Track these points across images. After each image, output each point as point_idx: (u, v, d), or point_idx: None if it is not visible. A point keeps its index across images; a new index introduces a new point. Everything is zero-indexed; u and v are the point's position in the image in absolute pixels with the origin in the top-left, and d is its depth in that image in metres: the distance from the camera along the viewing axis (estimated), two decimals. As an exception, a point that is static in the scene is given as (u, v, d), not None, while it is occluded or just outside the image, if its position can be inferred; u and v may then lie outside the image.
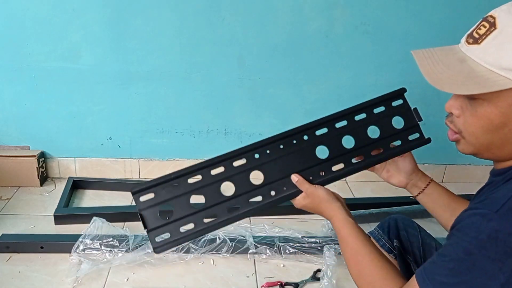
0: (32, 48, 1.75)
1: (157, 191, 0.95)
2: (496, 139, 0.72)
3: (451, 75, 0.70)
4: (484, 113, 0.70)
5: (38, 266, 1.45)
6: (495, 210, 0.65)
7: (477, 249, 0.65)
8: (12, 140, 1.91)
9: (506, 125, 0.69)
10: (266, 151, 0.99)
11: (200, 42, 1.80)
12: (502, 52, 0.67)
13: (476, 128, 0.72)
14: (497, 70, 0.67)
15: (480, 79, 0.68)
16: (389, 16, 1.80)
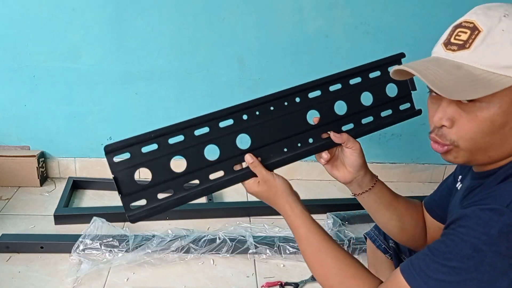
0: (32, 48, 1.75)
1: (134, 151, 0.85)
2: (496, 140, 0.71)
3: (455, 82, 0.69)
4: (486, 115, 0.69)
5: (38, 266, 1.45)
6: (506, 205, 0.63)
7: (486, 245, 0.63)
8: (12, 140, 1.91)
9: (508, 123, 0.69)
10: (255, 113, 0.91)
11: (200, 42, 1.80)
12: (497, 52, 0.67)
13: (476, 133, 0.71)
14: (496, 70, 0.67)
15: (483, 82, 0.67)
16: (389, 16, 1.80)
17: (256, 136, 0.90)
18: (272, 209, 0.90)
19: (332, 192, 2.02)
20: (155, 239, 1.50)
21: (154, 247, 1.48)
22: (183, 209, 1.75)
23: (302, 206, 0.87)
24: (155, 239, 1.50)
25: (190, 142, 0.87)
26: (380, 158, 2.10)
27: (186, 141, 0.86)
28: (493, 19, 0.68)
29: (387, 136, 2.04)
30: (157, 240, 1.50)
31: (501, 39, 0.67)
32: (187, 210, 1.74)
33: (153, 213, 0.83)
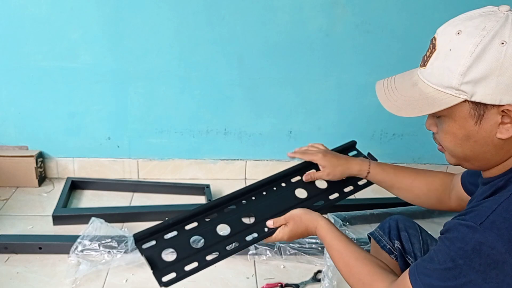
0: (30, 47, 1.74)
1: (158, 237, 1.04)
2: (467, 151, 0.75)
3: (405, 100, 0.76)
4: (448, 128, 0.75)
5: (36, 267, 1.44)
6: (479, 223, 0.67)
7: (462, 260, 0.68)
8: (10, 140, 1.90)
9: (470, 137, 0.73)
10: (251, 197, 1.17)
11: (199, 41, 1.79)
12: (442, 72, 0.71)
13: (448, 143, 0.77)
14: (442, 89, 0.72)
15: (430, 100, 0.73)
16: (390, 15, 1.79)
17: (257, 213, 1.12)
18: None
19: (333, 192, 2.01)
20: None
21: None
22: (182, 210, 1.74)
23: (325, 219, 0.99)
24: None
25: (203, 225, 1.07)
26: (381, 158, 2.07)
27: (200, 225, 1.07)
28: (446, 37, 0.72)
29: (388, 136, 2.03)
30: None
31: (446, 58, 0.71)
32: (187, 211, 1.73)
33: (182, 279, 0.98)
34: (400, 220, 1.18)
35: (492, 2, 0.75)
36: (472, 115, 0.71)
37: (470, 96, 0.69)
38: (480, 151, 0.74)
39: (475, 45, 0.68)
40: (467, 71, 0.68)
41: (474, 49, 0.68)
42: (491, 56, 0.67)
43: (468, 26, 0.70)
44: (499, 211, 0.68)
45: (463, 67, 0.69)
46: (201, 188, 1.91)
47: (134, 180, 2.00)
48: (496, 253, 0.65)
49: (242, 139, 1.99)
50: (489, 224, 0.67)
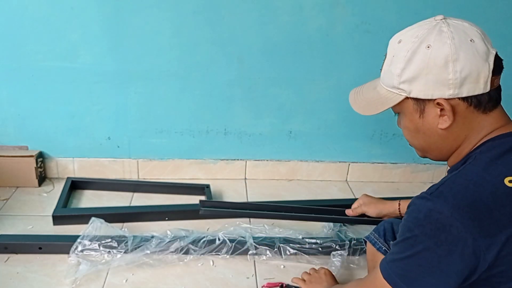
0: (30, 47, 1.74)
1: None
2: (421, 142, 0.88)
3: (366, 102, 0.93)
4: (404, 123, 0.89)
5: (36, 267, 1.44)
6: (430, 193, 0.77)
7: (416, 227, 0.77)
8: (10, 140, 1.90)
9: (418, 129, 0.86)
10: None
11: (199, 41, 1.79)
12: (388, 75, 0.86)
13: (407, 136, 0.91)
14: (390, 89, 0.86)
15: (384, 99, 0.87)
16: (390, 15, 1.79)
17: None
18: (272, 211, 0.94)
19: (332, 192, 2.02)
20: (154, 240, 1.49)
21: (153, 248, 1.47)
22: (182, 210, 1.74)
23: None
24: (154, 240, 1.49)
25: None
26: (381, 158, 2.09)
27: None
28: (392, 46, 0.87)
29: (388, 136, 2.03)
30: (156, 241, 1.48)
31: (390, 63, 0.86)
32: (187, 211, 1.74)
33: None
34: (395, 223, 1.20)
35: (492, 2, 0.77)
36: (416, 109, 0.84)
37: (409, 93, 0.83)
38: (430, 142, 0.86)
39: (407, 50, 0.81)
40: (402, 72, 0.82)
41: (406, 53, 0.81)
42: (419, 58, 0.80)
43: (407, 36, 0.84)
44: (447, 183, 0.78)
45: (399, 70, 0.83)
46: (201, 188, 1.91)
47: (134, 180, 2.00)
48: (443, 217, 0.74)
49: (242, 139, 1.99)
50: (438, 193, 0.77)
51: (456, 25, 0.80)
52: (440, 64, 0.78)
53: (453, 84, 0.78)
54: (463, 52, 0.77)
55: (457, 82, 0.78)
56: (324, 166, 2.08)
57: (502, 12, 1.78)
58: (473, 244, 0.72)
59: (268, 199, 1.90)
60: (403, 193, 2.01)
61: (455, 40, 0.78)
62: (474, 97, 0.79)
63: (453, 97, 0.79)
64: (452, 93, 0.79)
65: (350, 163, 2.08)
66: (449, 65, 0.77)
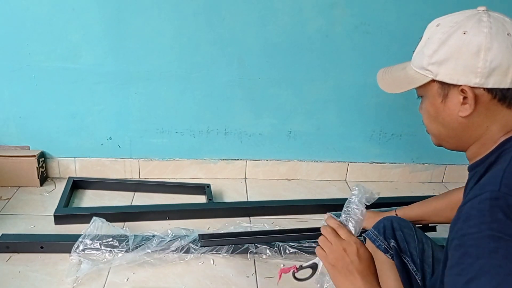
0: (32, 48, 1.75)
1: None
2: (440, 127, 0.86)
3: (393, 80, 0.93)
4: (425, 106, 0.87)
5: (38, 266, 1.45)
6: (497, 189, 0.69)
7: (501, 231, 0.64)
8: (12, 140, 1.91)
9: (439, 114, 0.84)
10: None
11: (200, 42, 1.80)
12: (419, 56, 0.86)
13: (426, 120, 0.89)
14: (419, 70, 0.85)
15: (410, 79, 0.87)
16: (389, 16, 1.80)
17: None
18: (271, 209, 0.93)
19: (332, 192, 2.02)
20: (155, 239, 1.50)
21: (154, 247, 1.48)
22: (183, 209, 1.75)
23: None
24: (155, 239, 1.50)
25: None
26: (380, 158, 2.10)
27: None
28: (430, 29, 0.86)
29: (387, 136, 2.04)
30: (157, 240, 1.49)
31: (424, 45, 0.85)
32: (187, 210, 1.75)
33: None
34: (395, 220, 1.20)
35: (492, 3, 0.78)
36: (439, 93, 0.83)
37: (435, 75, 0.82)
38: (449, 129, 0.85)
39: (443, 33, 0.81)
40: (433, 54, 0.82)
41: (442, 36, 0.81)
42: (452, 42, 0.80)
43: (446, 20, 0.84)
44: (507, 175, 0.72)
45: (431, 51, 0.82)
46: (202, 188, 1.92)
47: (135, 179, 2.01)
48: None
49: (242, 139, 2.00)
50: (506, 187, 0.69)
51: (497, 17, 0.80)
52: (472, 51, 0.77)
53: (481, 73, 0.77)
54: (497, 43, 0.76)
55: (485, 71, 0.77)
56: (323, 166, 2.09)
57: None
58: None
59: (268, 198, 1.91)
60: (402, 193, 2.03)
61: (492, 30, 0.77)
62: (499, 90, 0.78)
63: (479, 86, 0.78)
64: (478, 82, 0.77)
65: (349, 163, 2.10)
66: (480, 53, 0.77)
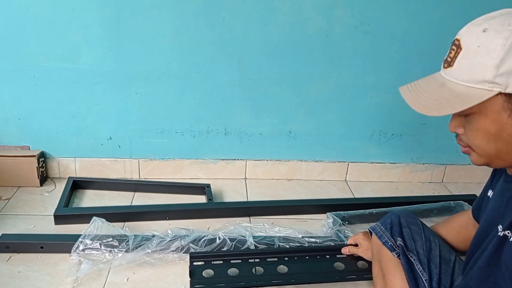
0: (32, 48, 1.75)
1: (207, 260, 1.43)
2: (501, 146, 0.77)
3: (435, 100, 0.78)
4: (480, 125, 0.77)
5: (38, 266, 1.45)
6: None
7: None
8: (12, 140, 1.91)
9: (503, 130, 0.75)
10: (294, 257, 1.46)
11: (200, 42, 1.80)
12: (473, 68, 0.74)
13: (479, 140, 0.78)
14: (473, 85, 0.74)
15: (462, 97, 0.75)
16: (389, 16, 1.80)
17: (291, 269, 1.40)
18: (271, 209, 0.92)
19: (332, 192, 2.02)
20: (155, 239, 1.50)
21: (154, 247, 1.48)
22: (183, 209, 1.75)
23: None
24: (155, 239, 1.50)
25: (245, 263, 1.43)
26: (380, 158, 2.10)
27: (242, 262, 1.43)
28: (473, 35, 0.75)
29: (387, 136, 2.04)
30: (157, 240, 1.50)
31: (476, 55, 0.73)
32: (187, 210, 1.75)
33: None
34: (402, 216, 1.17)
35: (492, 3, 0.77)
36: (506, 107, 0.73)
37: (505, 88, 0.72)
38: (510, 147, 0.76)
39: (505, 38, 0.71)
40: (501, 63, 0.71)
41: (505, 42, 0.71)
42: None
43: (493, 24, 0.73)
44: None
45: (497, 60, 0.71)
46: (202, 188, 1.92)
47: (135, 179, 2.01)
48: None
49: (242, 139, 2.00)
50: None
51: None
52: None
53: None
54: None
55: None
56: (323, 166, 2.09)
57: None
58: None
59: (268, 198, 1.91)
60: (402, 193, 2.02)
61: None
62: None
63: None
64: None
65: (349, 163, 2.10)
66: None
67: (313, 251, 1.47)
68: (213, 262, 1.42)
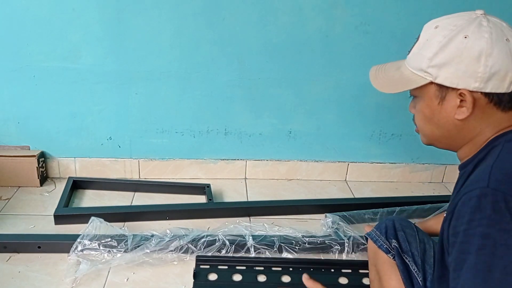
0: (32, 48, 1.75)
1: (213, 264, 1.45)
2: (434, 128, 0.87)
3: (388, 80, 0.92)
4: (419, 107, 0.88)
5: (38, 266, 1.45)
6: (486, 185, 0.71)
7: (490, 227, 0.68)
8: (12, 140, 1.91)
9: (434, 115, 0.86)
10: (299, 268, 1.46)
11: (200, 42, 1.80)
12: (417, 57, 0.86)
13: (419, 121, 0.91)
14: (416, 71, 0.86)
15: (406, 80, 0.88)
16: (389, 16, 1.80)
17: (295, 280, 1.41)
18: (271, 208, 0.92)
19: (332, 192, 2.02)
20: (154, 239, 1.50)
21: (152, 247, 1.48)
22: (183, 209, 1.75)
23: None
24: (153, 239, 1.50)
25: (249, 270, 1.44)
26: (380, 158, 2.10)
27: (247, 268, 1.44)
28: (427, 30, 0.86)
29: (387, 136, 2.04)
30: (156, 240, 1.50)
31: (422, 47, 0.85)
32: (187, 210, 1.75)
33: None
34: (397, 220, 1.20)
35: (492, 3, 0.78)
36: (437, 96, 0.84)
37: (435, 78, 0.83)
38: (443, 130, 0.86)
39: (444, 36, 0.82)
40: (434, 57, 0.82)
41: (442, 39, 0.82)
42: (454, 46, 0.80)
43: (445, 23, 0.84)
44: (495, 170, 0.74)
45: (431, 53, 0.82)
46: (202, 188, 1.92)
47: (135, 179, 2.01)
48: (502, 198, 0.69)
49: (242, 139, 2.00)
50: (494, 182, 0.71)
51: (495, 22, 0.82)
52: (473, 56, 0.78)
53: (481, 78, 0.79)
54: (497, 49, 0.78)
55: (485, 76, 0.78)
56: (323, 166, 2.09)
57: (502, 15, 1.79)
58: None
59: (268, 198, 1.91)
60: (402, 193, 2.02)
61: (493, 35, 0.79)
62: (495, 95, 0.80)
63: (477, 90, 0.80)
64: (477, 86, 0.79)
65: (349, 163, 2.10)
66: (481, 58, 0.78)
67: (318, 264, 1.48)
68: (218, 267, 1.44)
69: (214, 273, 1.42)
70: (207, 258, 1.47)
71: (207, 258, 1.47)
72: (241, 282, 1.40)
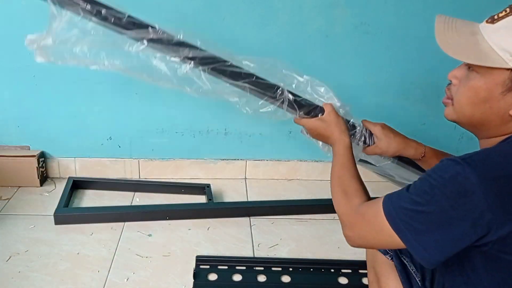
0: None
1: (213, 265, 1.45)
2: (477, 113, 0.80)
3: (458, 43, 0.79)
4: (474, 85, 0.79)
5: (38, 266, 1.45)
6: (462, 158, 0.73)
7: (438, 186, 0.73)
8: (12, 140, 1.91)
9: (488, 101, 0.78)
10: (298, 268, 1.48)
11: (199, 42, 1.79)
12: (507, 35, 0.74)
13: (464, 98, 0.81)
14: (497, 49, 0.75)
15: (481, 53, 0.76)
16: (389, 16, 1.80)
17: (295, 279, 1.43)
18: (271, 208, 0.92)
19: (332, 192, 2.02)
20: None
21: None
22: (183, 209, 1.75)
23: (349, 140, 1.16)
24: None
25: (249, 270, 1.45)
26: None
27: (247, 269, 1.46)
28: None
29: (387, 136, 2.03)
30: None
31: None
32: (187, 210, 1.75)
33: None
34: None
35: (492, 3, 0.77)
36: (505, 84, 0.75)
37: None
38: (488, 118, 0.79)
39: None
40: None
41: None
42: None
43: None
44: (481, 153, 0.76)
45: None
46: (202, 188, 1.92)
47: (135, 179, 2.01)
48: (468, 183, 0.70)
49: (242, 139, 2.00)
50: (470, 160, 0.73)
51: None
52: None
53: None
54: None
55: None
56: (323, 166, 2.09)
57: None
58: (489, 217, 0.70)
59: (268, 198, 1.91)
60: (402, 193, 2.02)
61: None
62: None
63: None
64: None
65: (350, 163, 2.09)
66: None
67: (318, 264, 1.49)
68: (218, 267, 1.44)
69: (214, 273, 1.42)
70: (207, 258, 1.47)
71: (207, 258, 1.48)
72: (241, 282, 1.40)
